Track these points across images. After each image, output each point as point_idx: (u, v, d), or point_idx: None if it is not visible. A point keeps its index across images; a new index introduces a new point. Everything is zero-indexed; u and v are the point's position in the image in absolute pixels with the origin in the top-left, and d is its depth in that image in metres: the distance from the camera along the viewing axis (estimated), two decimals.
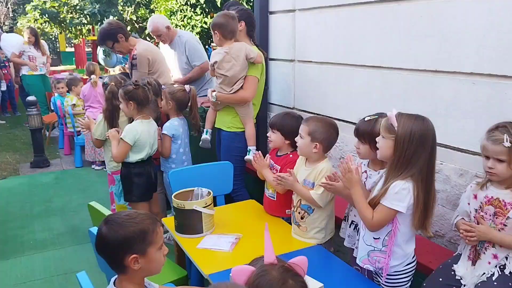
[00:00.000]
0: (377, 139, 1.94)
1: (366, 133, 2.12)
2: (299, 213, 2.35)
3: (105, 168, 3.56)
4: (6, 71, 8.83)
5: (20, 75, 7.54)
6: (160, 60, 4.12)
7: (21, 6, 18.68)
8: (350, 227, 2.35)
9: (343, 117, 3.11)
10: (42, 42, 7.66)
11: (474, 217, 1.89)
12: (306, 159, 2.40)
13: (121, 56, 12.41)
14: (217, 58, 3.16)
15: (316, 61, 3.38)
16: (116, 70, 8.89)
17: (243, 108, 3.29)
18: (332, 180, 2.13)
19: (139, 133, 2.97)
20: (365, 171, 2.22)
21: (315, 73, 3.41)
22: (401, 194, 1.81)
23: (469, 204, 1.92)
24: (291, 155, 2.61)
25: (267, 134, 2.76)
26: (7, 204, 4.58)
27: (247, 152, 3.30)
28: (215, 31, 3.18)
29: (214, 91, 3.28)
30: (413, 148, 1.79)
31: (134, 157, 3.01)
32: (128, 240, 1.47)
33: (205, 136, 3.42)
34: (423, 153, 1.80)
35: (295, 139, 2.40)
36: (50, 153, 6.29)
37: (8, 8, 20.25)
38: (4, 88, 8.51)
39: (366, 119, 2.15)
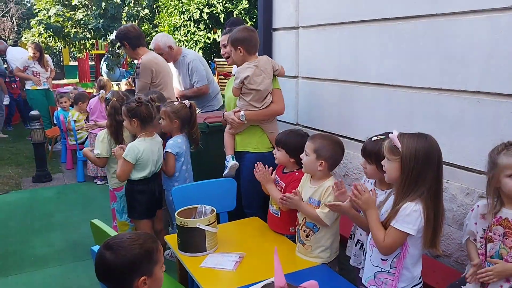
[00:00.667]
0: (382, 162, 1.92)
1: (373, 153, 2.11)
2: (304, 231, 2.32)
3: (107, 183, 3.53)
4: (15, 85, 8.88)
5: (24, 89, 7.58)
6: (165, 73, 4.14)
7: (26, 21, 18.90)
8: (356, 246, 2.32)
9: (347, 134, 3.11)
10: (47, 57, 7.71)
11: (481, 237, 1.87)
12: (311, 176, 2.38)
13: (124, 70, 12.49)
14: (248, 73, 2.98)
15: (319, 78, 3.38)
16: (122, 86, 8.92)
17: (272, 124, 3.20)
18: (340, 187, 2.11)
19: (141, 152, 2.94)
20: (372, 190, 2.19)
21: (318, 89, 3.41)
22: (412, 217, 1.77)
23: (476, 224, 1.90)
24: (297, 173, 2.59)
25: (272, 152, 2.74)
26: (8, 219, 4.55)
27: None
28: (238, 47, 3.01)
29: (239, 111, 3.09)
30: (419, 167, 1.77)
31: (136, 175, 2.98)
32: (137, 263, 1.46)
33: (234, 162, 3.16)
34: (429, 171, 1.78)
35: (300, 156, 2.38)
36: (52, 167, 6.27)
37: (13, 22, 20.47)
38: (7, 102, 8.53)
39: (373, 139, 2.14)
